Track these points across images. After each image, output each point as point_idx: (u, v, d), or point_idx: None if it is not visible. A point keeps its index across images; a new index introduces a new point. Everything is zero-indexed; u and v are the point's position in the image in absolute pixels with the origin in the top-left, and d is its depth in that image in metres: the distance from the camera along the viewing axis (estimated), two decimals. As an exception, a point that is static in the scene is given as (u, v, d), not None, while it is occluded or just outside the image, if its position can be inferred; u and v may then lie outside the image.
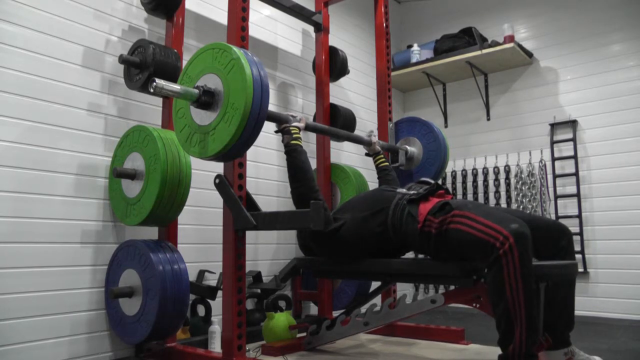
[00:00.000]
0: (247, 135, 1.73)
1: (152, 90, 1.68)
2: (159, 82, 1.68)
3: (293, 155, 2.02)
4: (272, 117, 2.08)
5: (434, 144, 2.85)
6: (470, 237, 1.58)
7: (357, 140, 2.65)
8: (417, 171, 2.89)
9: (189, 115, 1.87)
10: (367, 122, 3.86)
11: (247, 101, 1.68)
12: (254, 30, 3.00)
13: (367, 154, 2.73)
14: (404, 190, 1.95)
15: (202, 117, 1.82)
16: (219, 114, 1.76)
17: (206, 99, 1.78)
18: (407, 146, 2.92)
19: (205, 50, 1.86)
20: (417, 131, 2.94)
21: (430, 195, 1.86)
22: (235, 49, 1.77)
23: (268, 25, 3.24)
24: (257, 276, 2.79)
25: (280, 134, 2.11)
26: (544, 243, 1.75)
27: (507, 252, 1.46)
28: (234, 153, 1.80)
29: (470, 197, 4.05)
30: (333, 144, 3.19)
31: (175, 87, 1.74)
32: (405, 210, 1.83)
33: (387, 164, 2.58)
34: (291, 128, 2.08)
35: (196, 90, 1.78)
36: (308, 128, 2.23)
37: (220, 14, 2.87)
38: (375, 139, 2.63)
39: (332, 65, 3.15)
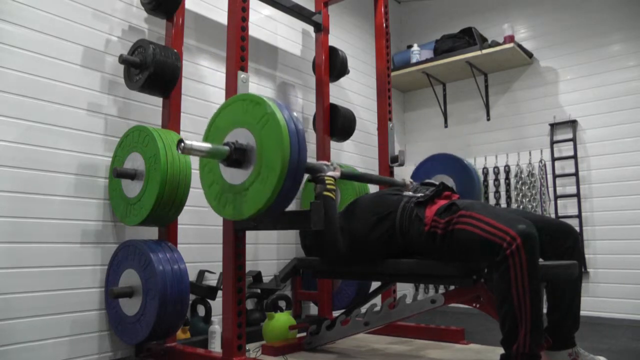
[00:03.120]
0: (285, 194, 1.61)
1: (180, 152, 1.58)
2: (187, 142, 1.57)
3: (322, 204, 1.90)
4: (307, 169, 1.92)
5: (467, 181, 2.67)
6: (477, 237, 1.58)
7: (391, 184, 2.57)
8: None
9: (218, 171, 1.75)
10: (367, 122, 3.86)
11: (284, 160, 1.56)
12: (254, 30, 3.00)
13: None
14: (410, 194, 1.94)
15: (232, 175, 1.71)
16: (252, 173, 1.64)
17: (237, 157, 1.66)
18: None
19: (235, 101, 1.76)
20: (449, 168, 2.75)
21: (436, 197, 1.86)
22: (269, 102, 1.65)
23: (268, 25, 3.24)
24: (257, 276, 2.79)
25: (314, 182, 2.02)
26: (551, 243, 1.75)
27: (515, 253, 1.46)
28: (271, 213, 1.69)
29: (470, 197, 4.05)
30: (333, 144, 3.19)
31: (205, 146, 1.63)
32: (413, 213, 1.82)
33: None
34: (326, 178, 1.98)
35: (227, 148, 1.66)
36: (343, 176, 2.14)
37: (220, 14, 2.87)
38: (408, 179, 2.57)
39: (332, 65, 3.15)
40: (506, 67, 3.97)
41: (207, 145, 1.65)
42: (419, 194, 1.90)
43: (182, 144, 1.57)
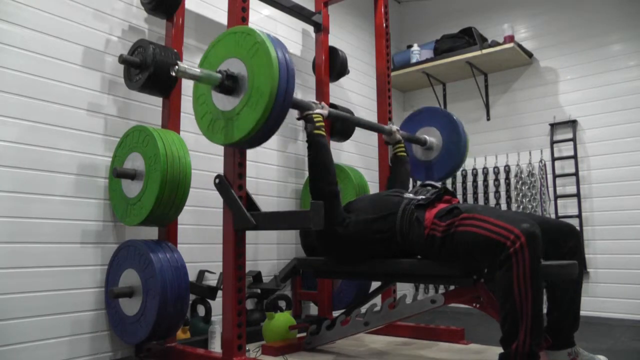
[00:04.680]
0: (273, 120, 1.69)
1: (173, 74, 1.65)
2: (181, 65, 1.65)
3: (315, 146, 2.00)
4: (295, 104, 2.04)
5: (454, 135, 2.74)
6: (479, 237, 1.58)
7: (378, 129, 2.62)
8: (436, 162, 2.82)
9: (211, 101, 1.84)
10: (367, 122, 3.85)
11: (272, 85, 1.63)
12: (254, 30, 3.00)
13: (386, 143, 2.72)
14: (410, 195, 1.94)
15: (224, 102, 1.79)
16: (242, 99, 1.73)
17: (229, 84, 1.74)
18: (426, 136, 2.83)
19: (227, 34, 1.83)
20: (437, 121, 2.83)
21: (437, 201, 1.85)
22: (259, 32, 1.73)
23: (268, 25, 3.24)
24: (257, 276, 2.79)
25: (302, 121, 2.09)
26: (553, 244, 1.75)
27: (518, 251, 1.46)
28: (259, 138, 1.77)
29: (470, 197, 4.05)
30: (333, 144, 3.18)
31: (198, 70, 1.72)
32: (414, 215, 1.82)
33: (405, 154, 2.56)
34: (314, 115, 2.04)
35: (219, 75, 1.75)
36: (331, 115, 2.18)
37: (220, 14, 2.87)
38: (395, 127, 2.61)
39: (332, 65, 3.15)
40: (506, 67, 3.97)
41: (200, 70, 1.72)
42: (420, 197, 1.90)
43: (177, 66, 1.63)
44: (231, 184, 2.01)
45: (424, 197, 1.88)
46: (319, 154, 1.99)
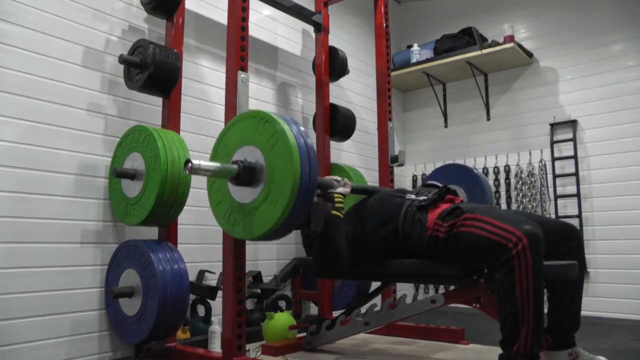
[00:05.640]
0: (295, 214, 1.59)
1: (187, 172, 1.55)
2: (195, 162, 1.54)
3: (330, 227, 1.89)
4: (317, 185, 1.89)
5: (479, 192, 2.62)
6: (481, 238, 1.58)
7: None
8: None
9: (226, 189, 1.72)
10: (367, 122, 3.86)
11: (294, 182, 1.53)
12: (254, 30, 3.00)
13: None
14: (413, 196, 1.94)
15: (241, 193, 1.68)
16: (261, 192, 1.61)
17: (246, 177, 1.63)
18: None
19: (244, 118, 1.73)
20: (461, 179, 2.71)
21: (439, 201, 1.85)
22: (278, 120, 1.61)
23: (268, 25, 3.24)
24: (257, 276, 2.79)
25: (322, 198, 2.00)
26: (553, 244, 1.74)
27: (520, 253, 1.46)
28: (281, 232, 1.67)
29: (470, 197, 4.05)
30: (333, 144, 3.19)
31: (213, 165, 1.61)
32: (416, 217, 1.82)
33: None
34: (335, 195, 1.97)
35: (235, 167, 1.63)
36: (354, 191, 2.13)
37: (220, 14, 2.87)
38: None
39: (332, 65, 3.15)
40: (506, 67, 3.97)
41: (216, 164, 1.61)
42: (422, 197, 1.89)
43: (190, 164, 1.53)
44: (231, 184, 2.00)
45: (425, 197, 1.88)
46: (333, 236, 1.89)
